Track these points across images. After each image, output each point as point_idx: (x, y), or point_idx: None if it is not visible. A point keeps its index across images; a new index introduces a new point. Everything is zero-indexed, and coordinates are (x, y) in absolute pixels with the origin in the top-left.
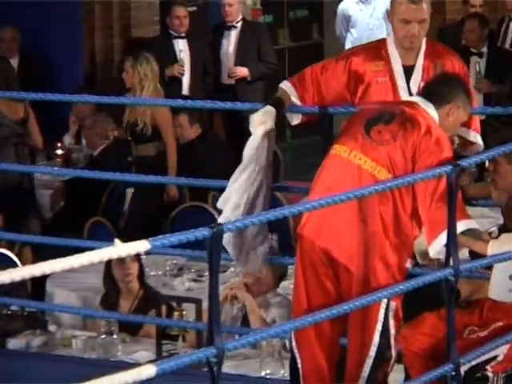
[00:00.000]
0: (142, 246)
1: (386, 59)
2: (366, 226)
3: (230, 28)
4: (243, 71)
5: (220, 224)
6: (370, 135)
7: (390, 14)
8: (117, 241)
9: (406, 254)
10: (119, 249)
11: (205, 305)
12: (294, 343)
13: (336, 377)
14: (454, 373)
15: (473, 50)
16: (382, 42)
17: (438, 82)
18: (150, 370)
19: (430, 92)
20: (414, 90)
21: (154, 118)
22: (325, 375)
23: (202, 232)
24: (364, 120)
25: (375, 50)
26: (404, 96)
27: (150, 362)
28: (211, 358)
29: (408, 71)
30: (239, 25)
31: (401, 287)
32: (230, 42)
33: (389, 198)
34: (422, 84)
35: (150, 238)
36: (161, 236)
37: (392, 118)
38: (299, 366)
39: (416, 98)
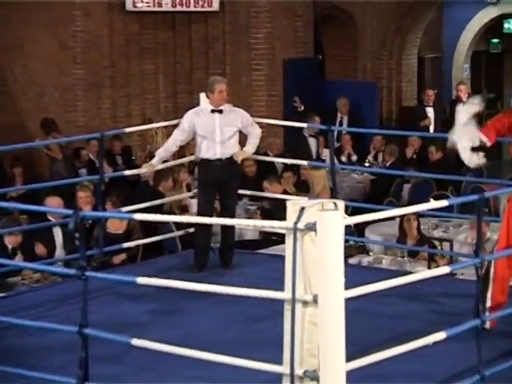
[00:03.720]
0: (442, 202)
1: None
2: None
3: (461, 101)
4: None
5: (483, 193)
6: None
7: None
8: (431, 199)
9: None
10: (428, 204)
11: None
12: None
13: None
14: None
15: None
16: None
17: None
18: (445, 269)
19: None
20: None
21: None
22: (506, 280)
23: (474, 197)
24: None
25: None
26: None
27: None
28: (477, 264)
29: None
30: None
31: None
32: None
33: None
34: None
35: (448, 199)
36: (449, 198)
37: None
38: (491, 272)
39: None
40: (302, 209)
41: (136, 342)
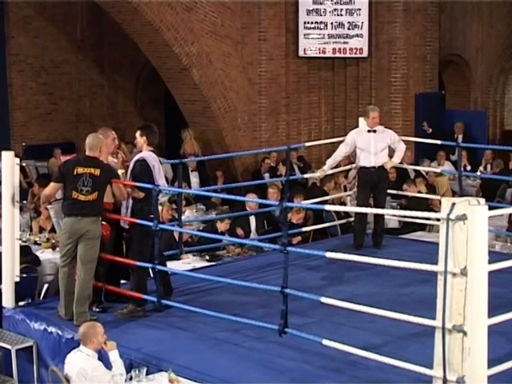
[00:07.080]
0: None
1: None
2: None
3: None
4: None
5: None
6: None
7: None
8: None
9: None
10: None
11: None
12: None
13: None
14: None
15: None
16: None
17: None
18: None
19: None
20: None
21: None
22: None
23: None
24: None
25: None
26: None
27: None
28: None
29: None
30: None
31: None
32: None
33: None
34: None
35: None
36: None
37: None
38: None
39: None
40: (453, 204)
41: (324, 299)
